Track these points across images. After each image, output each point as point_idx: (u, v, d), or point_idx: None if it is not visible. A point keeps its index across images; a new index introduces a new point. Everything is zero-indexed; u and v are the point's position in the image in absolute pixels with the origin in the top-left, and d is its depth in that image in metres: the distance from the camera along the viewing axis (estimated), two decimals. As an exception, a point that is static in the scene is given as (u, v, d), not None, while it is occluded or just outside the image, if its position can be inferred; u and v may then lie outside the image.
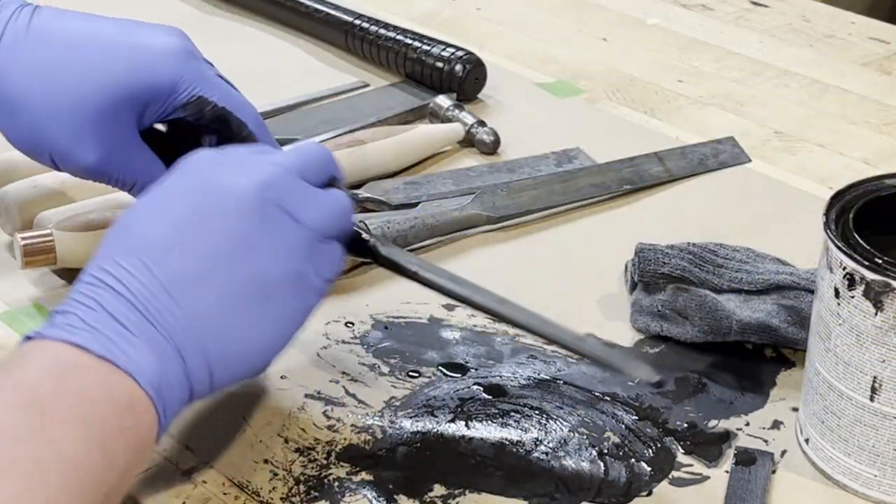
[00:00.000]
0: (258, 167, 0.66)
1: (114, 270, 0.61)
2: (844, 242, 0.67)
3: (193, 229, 0.63)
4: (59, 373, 0.58)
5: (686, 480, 0.71)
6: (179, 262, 0.62)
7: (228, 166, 0.66)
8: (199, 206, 0.64)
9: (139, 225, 0.64)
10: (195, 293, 0.62)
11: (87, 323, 0.59)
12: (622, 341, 0.82)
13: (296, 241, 0.65)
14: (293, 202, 0.65)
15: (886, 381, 0.67)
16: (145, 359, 0.60)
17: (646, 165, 1.01)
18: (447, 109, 1.06)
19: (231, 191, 0.64)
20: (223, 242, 0.63)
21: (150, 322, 0.60)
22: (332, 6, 1.22)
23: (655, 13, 1.32)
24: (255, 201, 0.64)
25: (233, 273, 0.63)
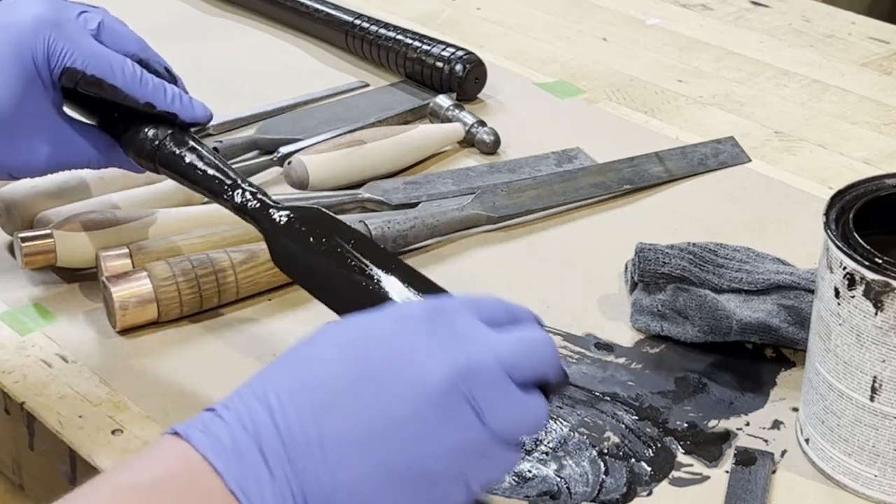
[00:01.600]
0: (465, 349, 0.58)
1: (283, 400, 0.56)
2: (844, 242, 0.67)
3: (372, 391, 0.57)
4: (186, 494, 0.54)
5: (686, 480, 0.71)
6: (345, 424, 0.56)
7: (436, 338, 0.58)
8: (387, 372, 0.57)
9: (322, 363, 0.57)
10: (347, 461, 0.56)
11: (236, 445, 0.55)
12: (622, 341, 0.82)
13: (471, 441, 0.57)
14: (486, 401, 0.57)
15: (886, 381, 0.67)
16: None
17: (646, 165, 1.01)
18: (447, 109, 1.06)
19: (424, 369, 0.57)
20: (396, 416, 0.56)
21: (293, 469, 0.55)
22: (332, 6, 1.22)
23: (655, 13, 1.32)
24: (445, 389, 0.57)
25: (392, 454, 0.56)
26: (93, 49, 0.75)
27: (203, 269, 0.82)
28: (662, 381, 0.79)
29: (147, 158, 0.77)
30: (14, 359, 0.79)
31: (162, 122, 0.77)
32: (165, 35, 1.23)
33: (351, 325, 0.59)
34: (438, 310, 0.59)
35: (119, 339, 0.81)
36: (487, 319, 0.60)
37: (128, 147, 0.78)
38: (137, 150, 0.77)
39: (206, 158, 0.76)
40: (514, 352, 0.59)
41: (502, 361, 0.58)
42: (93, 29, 0.76)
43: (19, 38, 0.74)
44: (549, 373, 0.60)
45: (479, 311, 0.60)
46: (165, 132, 0.77)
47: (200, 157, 0.76)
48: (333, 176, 0.96)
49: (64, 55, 0.74)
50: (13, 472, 0.80)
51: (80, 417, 0.75)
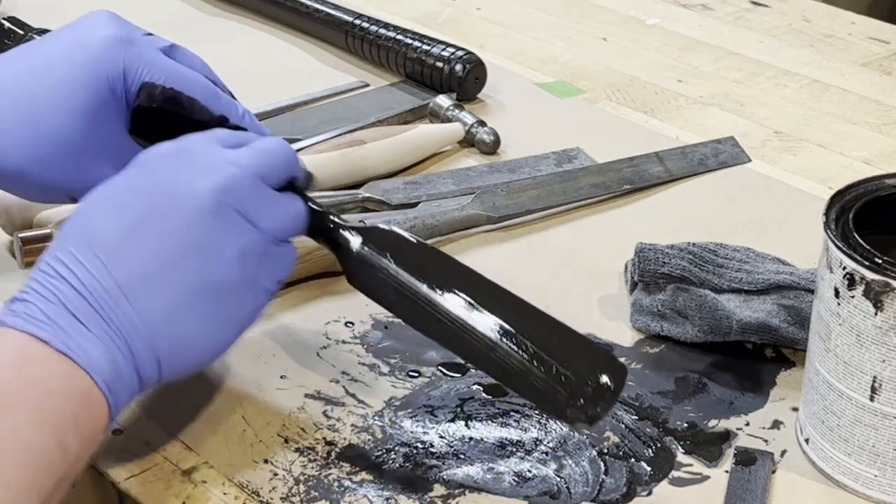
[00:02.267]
0: (218, 169, 0.66)
1: (70, 264, 0.63)
2: (844, 242, 0.67)
3: (149, 229, 0.64)
4: (20, 363, 0.60)
5: (686, 480, 0.71)
6: (134, 261, 0.63)
7: (188, 166, 0.67)
8: (156, 206, 0.65)
9: (97, 219, 0.65)
10: (148, 293, 0.63)
11: (47, 316, 0.61)
12: (622, 341, 0.82)
13: (250, 245, 0.66)
14: (250, 206, 0.66)
15: (886, 381, 0.67)
16: (100, 355, 0.62)
17: (646, 165, 1.01)
18: (447, 109, 1.06)
19: (188, 193, 0.65)
20: (178, 244, 0.64)
21: (104, 320, 0.62)
22: (332, 6, 1.22)
23: (655, 13, 1.32)
24: (212, 205, 0.65)
25: (185, 275, 0.64)
26: (168, 64, 0.76)
27: (203, 269, 0.82)
28: (662, 381, 0.79)
29: None
30: (14, 359, 0.79)
31: None
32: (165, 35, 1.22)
33: (111, 181, 0.67)
34: (181, 144, 0.68)
35: (119, 339, 0.81)
36: (225, 144, 0.69)
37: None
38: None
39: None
40: (259, 160, 0.68)
41: (253, 171, 0.67)
42: (163, 48, 0.77)
43: (92, 58, 0.74)
44: (295, 171, 0.70)
45: (216, 138, 0.69)
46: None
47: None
48: (333, 176, 0.96)
49: (141, 71, 0.74)
50: (13, 472, 0.80)
51: (80, 417, 0.75)
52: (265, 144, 0.70)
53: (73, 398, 0.61)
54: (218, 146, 0.68)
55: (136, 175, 0.67)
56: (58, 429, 0.59)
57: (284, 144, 0.71)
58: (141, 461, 0.71)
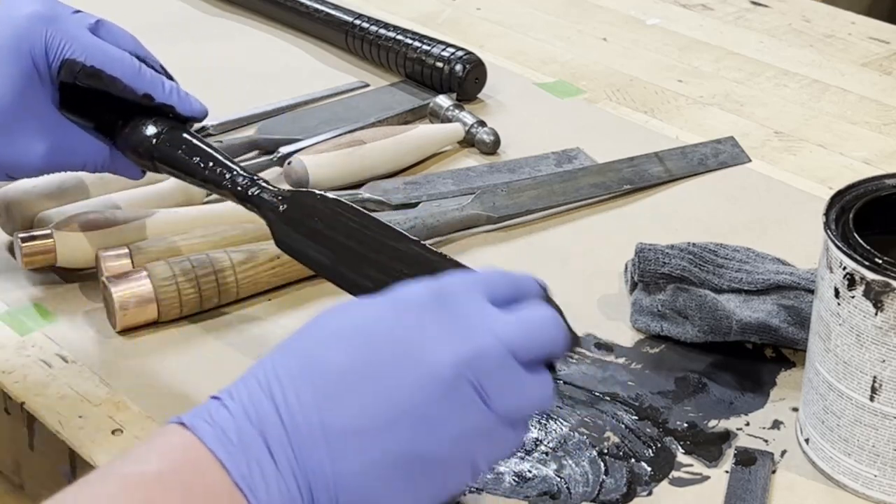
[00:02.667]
0: (470, 336, 0.57)
1: (286, 390, 0.56)
2: (844, 242, 0.67)
3: (376, 380, 0.56)
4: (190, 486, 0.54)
5: (686, 480, 0.71)
6: (348, 411, 0.56)
7: (440, 325, 0.58)
8: (391, 358, 0.57)
9: (328, 351, 0.57)
10: (350, 447, 0.56)
11: (241, 438, 0.55)
12: (622, 341, 0.82)
13: (477, 426, 0.57)
14: (490, 385, 0.57)
15: (886, 381, 0.67)
16: (277, 496, 0.55)
17: (646, 165, 1.01)
18: (447, 109, 1.06)
19: (429, 358, 0.57)
20: (400, 406, 0.56)
21: (297, 461, 0.55)
22: (332, 6, 1.22)
23: (655, 13, 1.32)
24: (450, 378, 0.56)
25: (395, 441, 0.56)
26: (91, 41, 0.75)
27: (203, 270, 0.82)
28: (662, 381, 0.79)
29: (146, 155, 0.77)
30: (14, 359, 0.79)
31: (159, 119, 0.77)
32: (165, 35, 1.23)
33: (352, 311, 0.59)
34: (442, 292, 0.59)
35: (119, 339, 0.81)
36: (492, 297, 0.59)
37: (125, 147, 0.78)
38: (135, 146, 0.78)
39: (203, 150, 0.76)
40: (519, 334, 0.58)
41: (508, 344, 0.58)
42: (89, 25, 0.77)
43: (16, 34, 0.74)
44: (556, 351, 0.60)
45: (483, 289, 0.60)
46: (163, 126, 0.77)
47: (199, 150, 0.76)
48: (333, 176, 0.96)
49: (63, 48, 0.74)
50: (13, 472, 0.80)
51: (80, 417, 0.75)
52: (535, 314, 0.60)
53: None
54: (484, 302, 0.59)
55: (383, 315, 0.58)
56: None
57: (555, 319, 0.60)
58: (141, 461, 0.71)
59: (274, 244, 0.72)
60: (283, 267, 0.84)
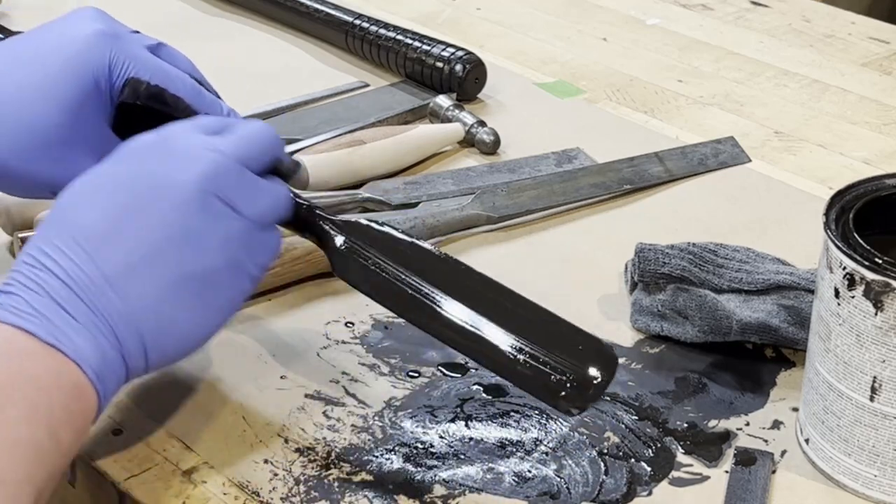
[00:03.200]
0: (199, 156, 0.66)
1: (55, 255, 0.63)
2: (844, 242, 0.67)
3: (133, 218, 0.64)
4: (8, 356, 0.60)
5: (686, 480, 0.71)
6: (119, 251, 0.64)
7: (169, 155, 0.67)
8: (139, 196, 0.65)
9: (80, 210, 0.65)
10: (132, 282, 0.64)
11: (34, 308, 0.61)
12: (622, 341, 0.82)
13: (234, 231, 0.67)
14: (233, 193, 0.67)
15: (886, 381, 0.67)
16: (88, 346, 0.62)
17: (646, 165, 1.01)
18: (447, 109, 1.06)
19: (170, 182, 0.65)
20: (162, 234, 0.64)
21: (90, 309, 0.62)
22: (332, 6, 1.22)
23: (655, 13, 1.32)
24: (195, 193, 0.65)
25: (170, 263, 0.65)
26: (154, 61, 0.76)
27: (203, 269, 0.82)
28: (662, 381, 0.79)
29: None
30: (14, 359, 0.79)
31: None
32: (165, 35, 1.22)
33: (93, 170, 0.67)
34: (163, 135, 0.68)
35: (119, 339, 0.81)
36: (207, 130, 0.69)
37: None
38: None
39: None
40: (241, 146, 0.68)
41: (235, 156, 0.67)
42: (149, 45, 0.77)
43: (78, 52, 0.73)
44: (278, 155, 0.71)
45: (199, 127, 0.69)
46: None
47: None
48: (333, 176, 0.96)
49: (126, 67, 0.75)
50: (13, 472, 0.80)
51: (80, 417, 0.75)
52: (247, 129, 0.70)
53: (63, 390, 0.61)
54: (199, 133, 0.68)
55: (118, 164, 0.67)
56: (50, 422, 0.60)
57: (267, 129, 0.71)
58: (141, 461, 0.71)
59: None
60: (284, 267, 0.84)
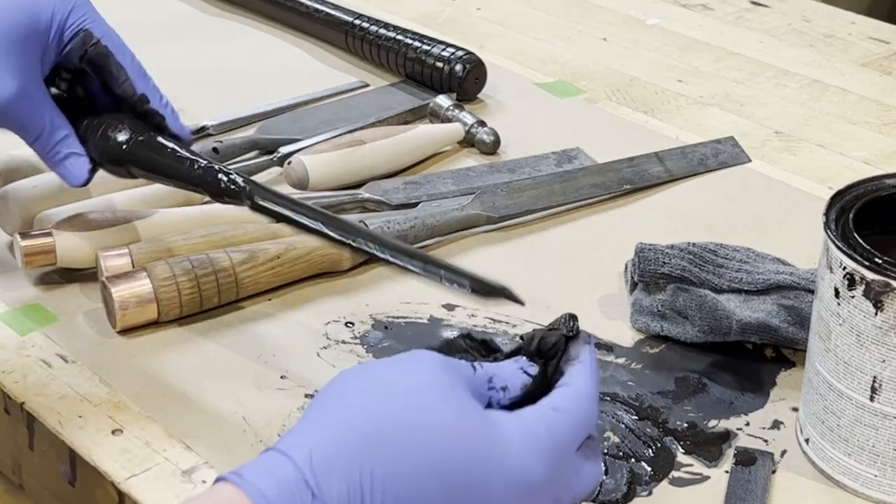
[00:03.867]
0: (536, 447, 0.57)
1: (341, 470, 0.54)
2: (844, 242, 0.67)
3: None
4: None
5: (686, 480, 0.71)
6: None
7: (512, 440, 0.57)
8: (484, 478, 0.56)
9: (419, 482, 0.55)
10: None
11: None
12: (622, 341, 0.82)
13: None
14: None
15: (886, 381, 0.67)
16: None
17: (646, 165, 1.01)
18: (447, 109, 1.06)
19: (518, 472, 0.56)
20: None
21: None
22: (332, 6, 1.22)
23: (655, 13, 1.32)
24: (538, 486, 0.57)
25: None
26: (110, 29, 0.76)
27: (203, 269, 0.82)
28: (662, 381, 0.79)
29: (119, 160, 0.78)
30: (14, 359, 0.79)
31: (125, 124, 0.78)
32: (165, 35, 1.23)
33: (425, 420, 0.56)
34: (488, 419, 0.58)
35: (119, 339, 0.81)
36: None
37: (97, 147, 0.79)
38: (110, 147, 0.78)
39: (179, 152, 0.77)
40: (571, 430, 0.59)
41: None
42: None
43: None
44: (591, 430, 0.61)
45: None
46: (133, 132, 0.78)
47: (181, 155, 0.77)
48: (333, 176, 0.96)
49: (84, 20, 0.75)
50: (13, 472, 0.80)
51: (80, 417, 0.75)
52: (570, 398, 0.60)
53: None
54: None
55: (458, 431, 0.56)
56: None
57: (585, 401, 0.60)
58: (141, 461, 0.71)
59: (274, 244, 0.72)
60: (283, 267, 0.84)
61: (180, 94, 1.11)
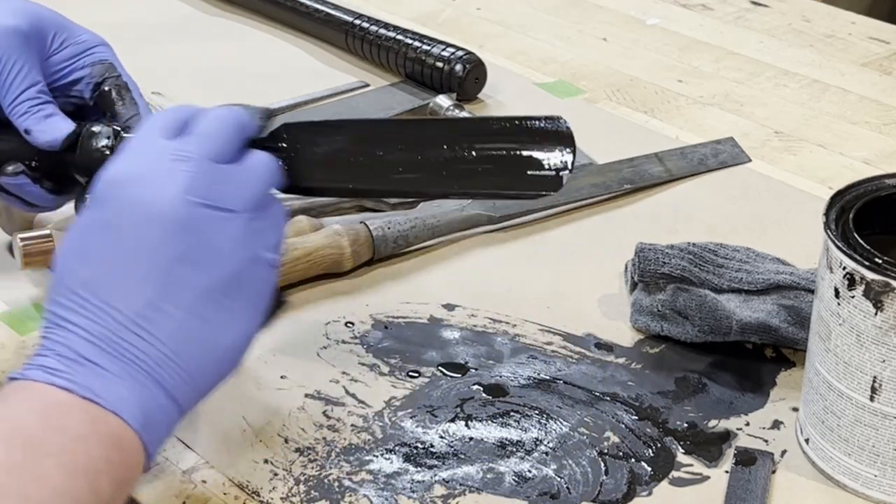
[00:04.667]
0: (173, 171, 0.63)
1: (69, 314, 0.61)
2: (844, 242, 0.67)
3: (133, 255, 0.62)
4: (44, 410, 0.58)
5: (686, 480, 0.71)
6: (130, 292, 0.61)
7: (143, 178, 0.63)
8: (129, 231, 0.62)
9: (78, 262, 0.62)
10: (158, 320, 0.61)
11: (65, 366, 0.59)
12: (622, 341, 0.82)
13: (233, 230, 0.63)
14: (217, 195, 0.63)
15: (886, 381, 0.67)
16: (126, 394, 0.59)
17: (646, 165, 1.01)
18: (447, 109, 1.06)
19: (157, 209, 0.62)
20: (165, 260, 0.62)
21: (119, 359, 0.60)
22: (332, 6, 1.22)
23: (655, 13, 1.32)
24: (181, 211, 0.62)
25: (184, 286, 0.62)
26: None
27: (203, 269, 0.81)
28: (662, 381, 0.79)
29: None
30: (14, 359, 0.79)
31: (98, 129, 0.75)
32: (165, 35, 1.23)
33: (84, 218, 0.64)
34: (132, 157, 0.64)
35: (119, 339, 0.81)
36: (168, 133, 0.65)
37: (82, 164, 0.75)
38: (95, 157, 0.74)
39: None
40: (208, 143, 0.64)
41: (206, 156, 0.64)
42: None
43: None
44: (248, 132, 0.67)
45: (160, 131, 0.65)
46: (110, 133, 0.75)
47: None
48: (333, 176, 0.95)
49: (110, 54, 0.78)
50: (13, 472, 0.80)
51: (80, 417, 0.75)
52: (208, 122, 0.66)
53: (102, 440, 0.58)
54: (161, 139, 0.65)
55: (100, 205, 0.64)
56: (88, 472, 0.57)
57: (228, 113, 0.67)
58: (141, 461, 0.71)
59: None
60: (284, 268, 0.84)
61: (180, 93, 1.11)
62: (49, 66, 0.77)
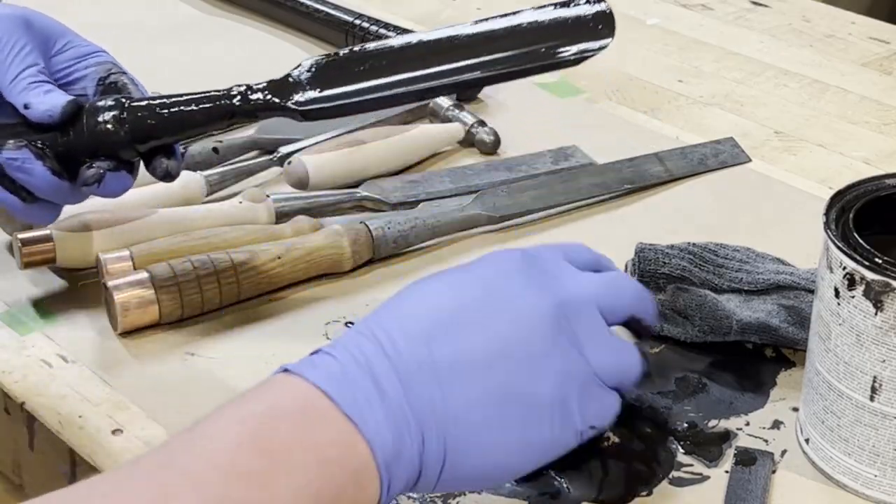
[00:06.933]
0: (563, 286, 0.62)
1: (391, 331, 0.59)
2: (844, 242, 0.67)
3: (481, 320, 0.60)
4: (301, 418, 0.56)
5: (686, 480, 0.71)
6: (455, 347, 0.59)
7: (532, 275, 0.62)
8: (490, 302, 0.61)
9: (432, 297, 0.61)
10: (460, 384, 0.58)
11: (346, 375, 0.57)
12: (622, 341, 0.82)
13: (573, 370, 0.61)
14: (584, 335, 0.62)
15: (886, 381, 0.67)
16: (388, 431, 0.56)
17: (646, 165, 1.01)
18: (447, 109, 1.06)
19: (526, 301, 0.61)
20: (502, 346, 0.59)
21: (406, 395, 0.57)
22: (332, 6, 1.22)
23: (655, 13, 1.32)
24: (547, 319, 0.61)
25: (503, 377, 0.59)
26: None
27: (204, 270, 0.82)
28: (662, 381, 0.79)
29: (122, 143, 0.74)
30: (14, 359, 0.80)
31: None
32: (166, 35, 1.23)
33: (448, 271, 0.63)
34: (532, 256, 0.64)
35: (119, 340, 0.81)
36: (574, 262, 0.65)
37: (88, 142, 0.74)
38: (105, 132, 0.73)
39: (180, 98, 0.75)
40: (603, 290, 0.64)
41: (594, 298, 0.63)
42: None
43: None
44: (641, 313, 0.66)
45: (568, 256, 0.65)
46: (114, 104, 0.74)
47: (175, 100, 0.74)
48: (333, 176, 0.96)
49: (127, 72, 0.78)
50: (13, 472, 0.80)
51: (80, 417, 0.75)
52: (616, 277, 0.66)
53: (346, 470, 0.55)
54: (568, 263, 0.65)
55: (478, 268, 0.63)
56: (319, 498, 0.54)
57: (637, 286, 0.67)
58: (141, 461, 0.71)
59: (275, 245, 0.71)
60: (285, 267, 0.84)
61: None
62: (53, 65, 0.77)
